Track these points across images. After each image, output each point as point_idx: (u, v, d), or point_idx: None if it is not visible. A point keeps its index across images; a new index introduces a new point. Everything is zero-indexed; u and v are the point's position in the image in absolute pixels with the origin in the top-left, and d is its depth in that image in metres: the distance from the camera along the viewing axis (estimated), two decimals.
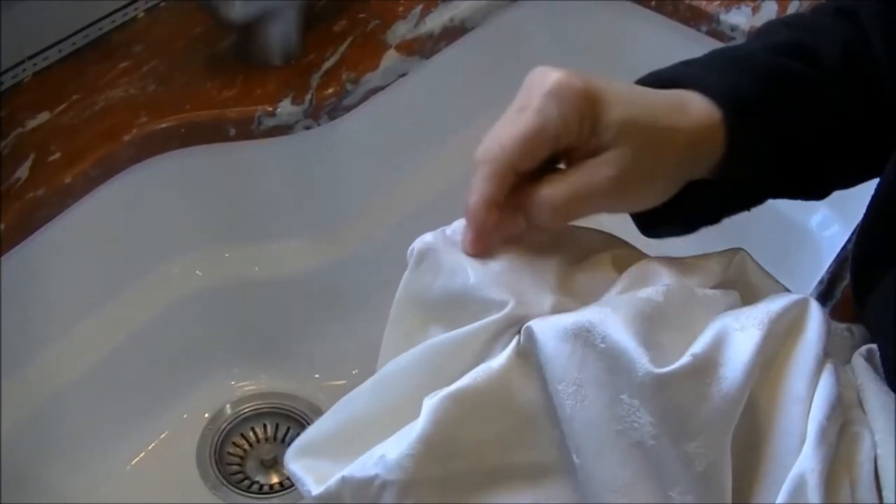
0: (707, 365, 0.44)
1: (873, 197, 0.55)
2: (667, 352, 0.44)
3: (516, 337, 0.46)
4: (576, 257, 0.51)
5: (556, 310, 0.47)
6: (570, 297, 0.48)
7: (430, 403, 0.45)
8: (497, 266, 0.49)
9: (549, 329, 0.46)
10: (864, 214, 0.55)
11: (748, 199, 0.55)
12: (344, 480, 0.47)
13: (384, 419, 0.47)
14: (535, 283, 0.48)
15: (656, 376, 0.43)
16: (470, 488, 0.46)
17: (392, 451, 0.45)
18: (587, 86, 0.47)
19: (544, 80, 0.47)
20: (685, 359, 0.44)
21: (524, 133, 0.47)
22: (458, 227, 0.50)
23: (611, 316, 0.45)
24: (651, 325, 0.45)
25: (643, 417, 0.44)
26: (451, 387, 0.45)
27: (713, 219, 0.55)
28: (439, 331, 0.49)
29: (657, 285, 0.48)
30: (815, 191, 0.57)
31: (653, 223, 0.54)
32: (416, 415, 0.46)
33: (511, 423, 0.46)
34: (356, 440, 0.48)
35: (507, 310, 0.47)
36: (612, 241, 0.53)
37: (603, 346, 0.44)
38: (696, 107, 0.50)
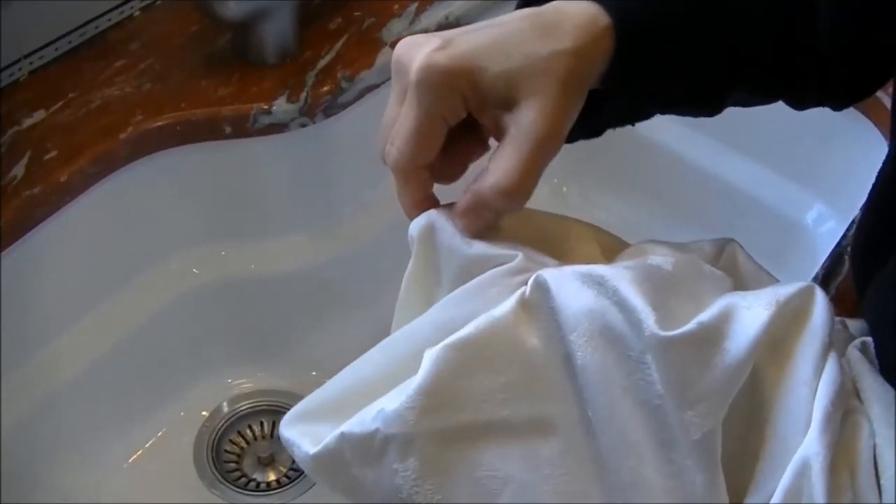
0: (712, 335, 0.43)
1: (874, 186, 0.55)
2: (674, 317, 0.44)
3: (521, 288, 0.45)
4: (564, 243, 0.51)
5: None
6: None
7: (430, 354, 0.44)
8: (493, 239, 0.48)
9: (562, 278, 0.45)
10: (865, 203, 0.55)
11: (635, 112, 0.53)
12: (343, 437, 0.45)
13: (388, 379, 0.45)
14: (535, 250, 0.48)
15: (661, 338, 0.43)
16: (476, 440, 0.45)
17: (391, 403, 0.44)
18: (451, 59, 0.45)
19: (409, 66, 0.46)
20: (691, 325, 0.43)
21: (411, 132, 0.46)
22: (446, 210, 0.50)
23: (622, 272, 0.44)
24: (660, 290, 0.44)
25: (652, 375, 0.43)
26: (452, 336, 0.44)
27: (595, 131, 0.53)
28: None
29: (665, 255, 0.47)
30: (709, 110, 0.54)
31: None
32: None
33: (517, 373, 0.45)
34: (358, 402, 0.46)
35: (516, 261, 0.46)
36: (599, 232, 0.52)
37: (615, 299, 0.44)
38: (576, 19, 0.47)
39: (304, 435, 0.47)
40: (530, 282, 0.45)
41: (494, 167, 0.46)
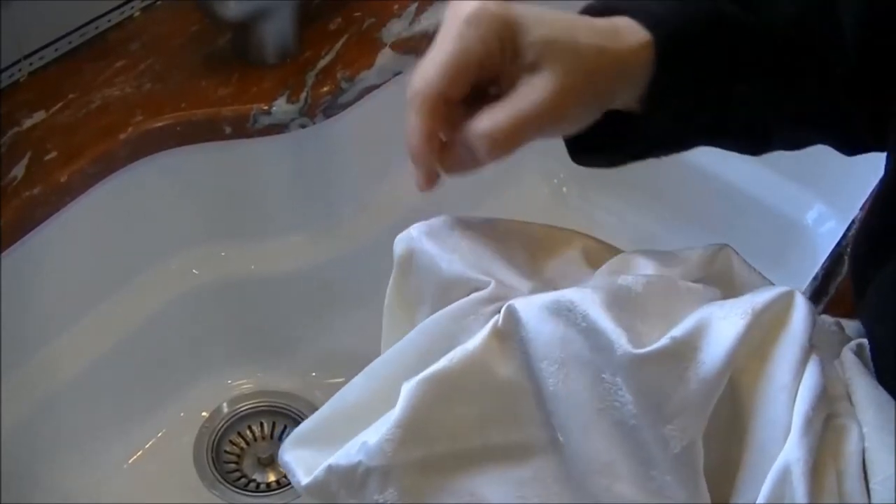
0: (686, 349, 0.44)
1: (877, 191, 0.55)
2: (644, 337, 0.44)
3: (494, 318, 0.47)
4: (548, 250, 0.51)
5: (535, 293, 0.47)
6: (547, 285, 0.48)
7: (406, 388, 0.45)
8: (472, 257, 0.49)
9: (532, 308, 0.46)
10: (868, 204, 0.55)
11: (677, 138, 0.55)
12: (330, 469, 0.47)
13: (374, 407, 0.47)
14: (512, 271, 0.49)
15: (634, 356, 0.43)
16: (453, 469, 0.46)
17: (373, 436, 0.45)
18: (504, 9, 0.48)
19: (463, 7, 0.48)
20: (664, 341, 0.44)
21: (446, 61, 0.48)
22: (434, 224, 0.51)
23: (591, 296, 0.45)
24: (629, 312, 0.45)
25: (624, 396, 0.44)
26: (428, 370, 0.46)
27: (640, 153, 0.54)
28: None
29: (638, 275, 0.48)
30: (751, 145, 0.56)
31: (582, 149, 0.54)
32: None
33: (491, 403, 0.46)
34: (347, 429, 0.48)
35: (489, 288, 0.47)
36: (586, 239, 0.53)
37: (584, 324, 0.45)
38: (624, 31, 0.50)
39: (299, 462, 0.49)
40: (502, 311, 0.47)
41: (488, 114, 0.48)
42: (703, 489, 0.44)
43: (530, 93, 0.48)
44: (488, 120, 0.48)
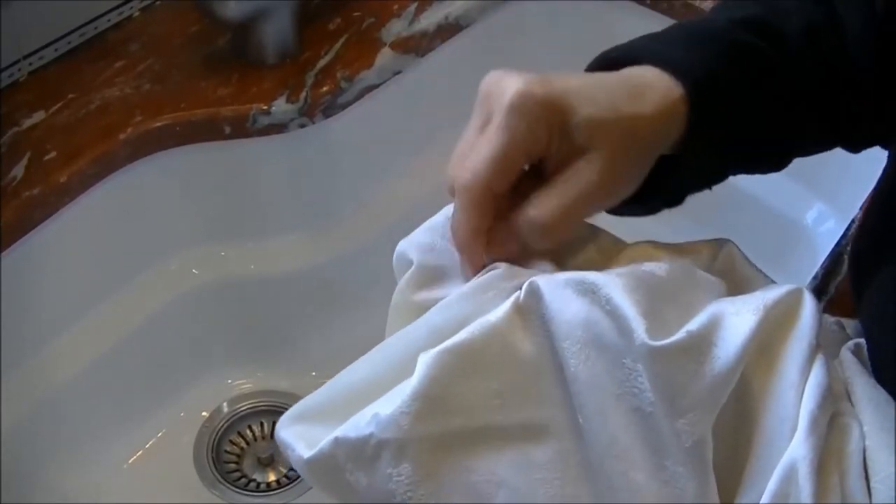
0: (701, 343, 0.44)
1: (876, 189, 0.55)
2: (667, 324, 0.44)
3: (516, 293, 0.46)
4: (561, 246, 0.51)
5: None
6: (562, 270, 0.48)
7: (424, 359, 0.44)
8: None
9: (555, 286, 0.45)
10: (867, 204, 0.55)
11: (710, 176, 0.54)
12: (337, 441, 0.45)
13: (383, 383, 0.46)
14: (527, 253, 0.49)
15: (651, 348, 0.43)
16: (470, 446, 0.45)
17: (386, 408, 0.44)
18: (548, 92, 0.46)
19: (503, 92, 0.46)
20: (680, 334, 0.43)
21: (494, 155, 0.45)
22: (435, 223, 0.50)
23: (615, 280, 0.44)
24: (653, 296, 0.44)
25: (643, 383, 0.43)
26: (448, 342, 0.44)
27: (676, 198, 0.54)
28: None
29: (660, 262, 0.47)
30: (776, 165, 0.55)
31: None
32: None
33: (510, 378, 0.45)
34: (352, 406, 0.46)
35: (503, 267, 0.47)
36: (596, 232, 0.52)
37: (608, 307, 0.44)
38: (656, 88, 0.48)
39: (299, 437, 0.47)
40: (524, 287, 0.45)
41: (537, 201, 0.47)
42: (713, 483, 0.44)
43: (580, 176, 0.46)
44: (539, 207, 0.46)
